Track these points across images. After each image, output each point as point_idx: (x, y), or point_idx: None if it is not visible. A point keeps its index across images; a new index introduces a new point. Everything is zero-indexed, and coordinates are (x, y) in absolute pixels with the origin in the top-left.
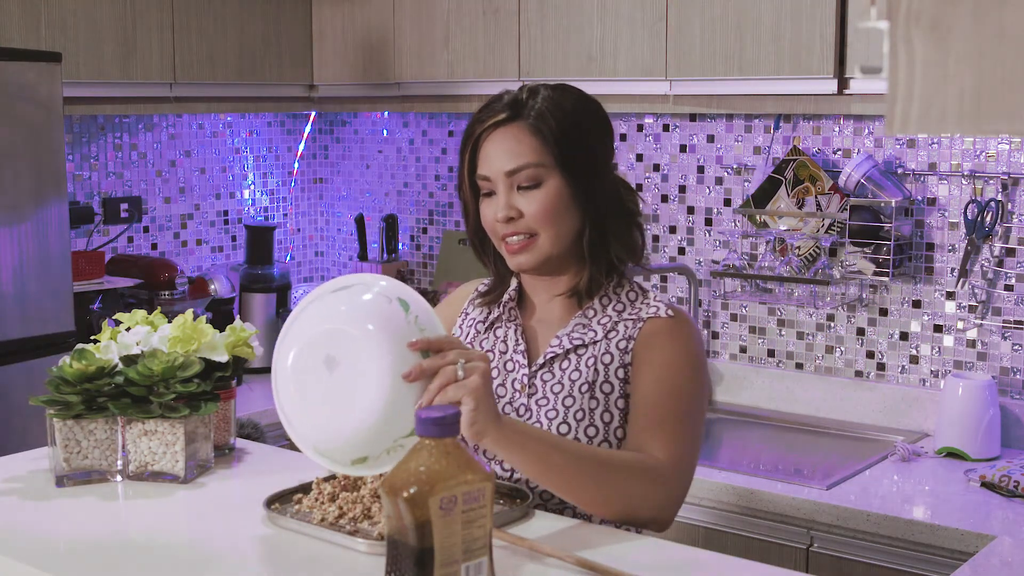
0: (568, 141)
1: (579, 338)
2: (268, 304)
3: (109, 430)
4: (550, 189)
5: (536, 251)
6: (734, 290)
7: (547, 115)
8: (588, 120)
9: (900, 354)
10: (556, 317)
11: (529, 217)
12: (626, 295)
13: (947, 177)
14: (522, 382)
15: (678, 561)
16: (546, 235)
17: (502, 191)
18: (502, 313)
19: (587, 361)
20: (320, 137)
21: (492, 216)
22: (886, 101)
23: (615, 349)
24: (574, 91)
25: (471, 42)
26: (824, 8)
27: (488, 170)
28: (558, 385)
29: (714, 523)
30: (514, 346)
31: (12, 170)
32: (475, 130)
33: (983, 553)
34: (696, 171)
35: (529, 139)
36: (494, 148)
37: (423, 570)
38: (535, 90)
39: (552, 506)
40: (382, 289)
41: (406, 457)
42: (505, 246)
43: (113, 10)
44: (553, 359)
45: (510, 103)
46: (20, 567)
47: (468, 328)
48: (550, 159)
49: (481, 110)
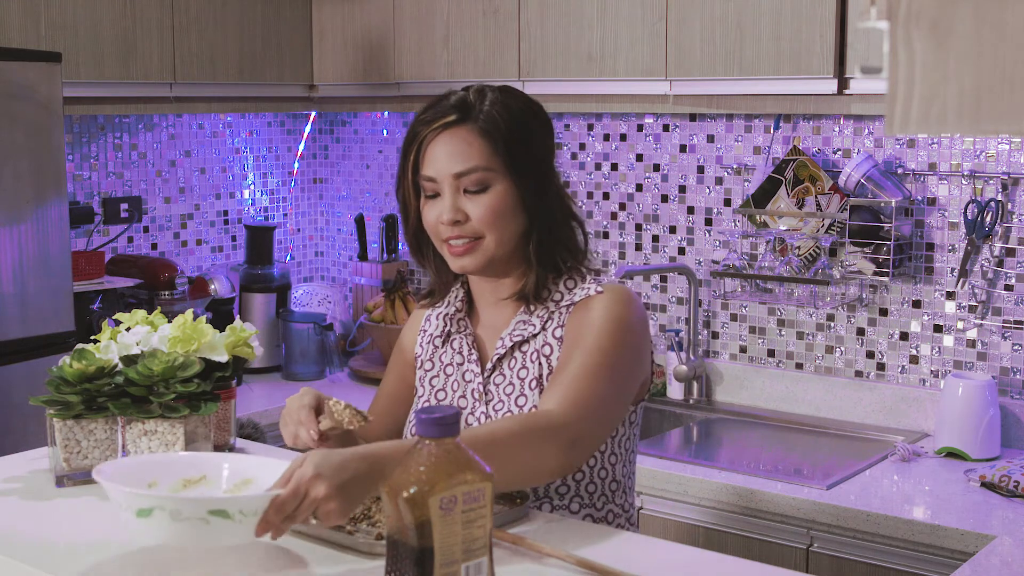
0: (517, 145)
1: (519, 334)
2: (268, 304)
3: (109, 430)
4: (497, 193)
5: (480, 254)
6: (734, 290)
7: (497, 118)
8: (534, 123)
9: (900, 354)
10: (503, 321)
11: (475, 220)
12: (564, 284)
13: (947, 177)
14: (479, 390)
15: (678, 561)
16: (491, 238)
17: (448, 193)
18: (452, 325)
19: (531, 356)
20: (320, 137)
21: (436, 218)
22: (886, 101)
23: (552, 339)
24: (519, 94)
25: (471, 42)
26: (824, 8)
27: (434, 171)
28: (509, 386)
29: (714, 523)
30: (467, 355)
31: (12, 170)
32: (421, 130)
33: (983, 553)
34: (696, 171)
35: (479, 142)
36: (442, 150)
37: (423, 570)
38: (482, 92)
39: (553, 507)
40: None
41: (406, 457)
42: (448, 247)
43: (113, 10)
44: (500, 360)
45: (458, 104)
46: (20, 567)
47: (427, 346)
48: (499, 163)
49: (426, 110)
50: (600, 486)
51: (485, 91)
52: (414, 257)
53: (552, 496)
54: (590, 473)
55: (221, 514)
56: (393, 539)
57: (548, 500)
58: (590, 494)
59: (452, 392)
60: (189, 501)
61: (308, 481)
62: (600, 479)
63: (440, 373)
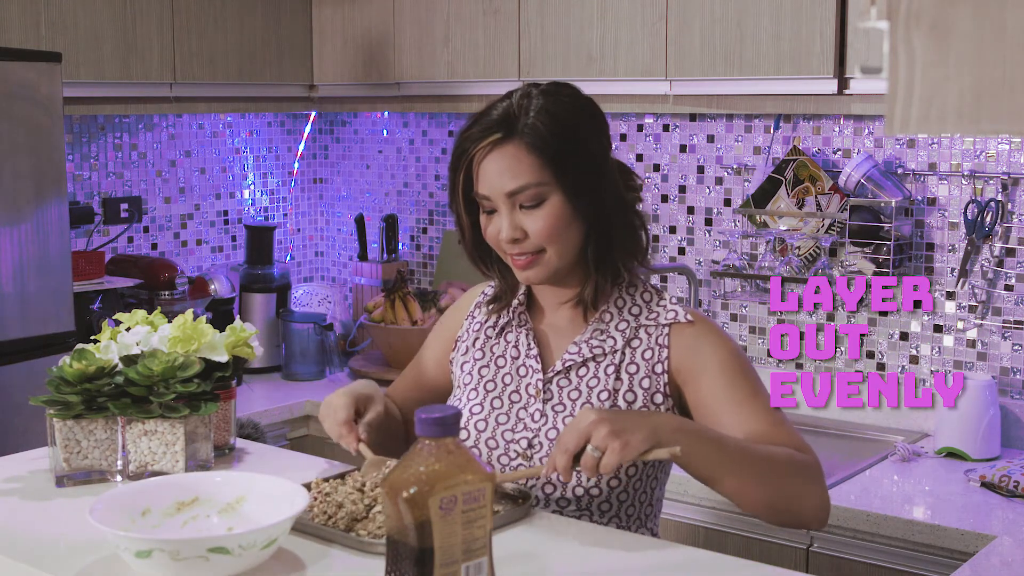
0: (566, 155)
1: (598, 346)
2: (268, 304)
3: (109, 430)
4: (553, 205)
5: (544, 266)
6: (734, 290)
7: (542, 130)
8: (584, 125)
9: (900, 354)
10: (566, 322)
11: (534, 236)
12: (640, 296)
13: (947, 177)
14: (536, 387)
15: (678, 561)
16: (552, 250)
17: (504, 211)
18: (512, 318)
19: (606, 369)
20: (320, 137)
21: (496, 235)
22: (886, 101)
23: (640, 359)
24: (567, 93)
25: (471, 42)
26: (824, 8)
27: (487, 190)
28: (575, 392)
29: (714, 523)
30: (526, 351)
31: (12, 170)
32: (469, 147)
33: (983, 553)
34: (696, 171)
35: (527, 158)
36: (492, 168)
37: (423, 570)
38: (527, 97)
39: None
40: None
41: (406, 457)
42: (512, 260)
43: (113, 10)
44: (571, 367)
45: (502, 119)
46: (20, 567)
47: (475, 333)
48: (550, 176)
49: (472, 125)
50: (639, 508)
51: (530, 97)
52: (477, 268)
53: (593, 512)
54: (634, 495)
55: (221, 551)
56: (393, 539)
57: (588, 514)
58: (628, 516)
59: (504, 385)
60: (188, 542)
61: (590, 424)
62: (640, 502)
63: (491, 363)
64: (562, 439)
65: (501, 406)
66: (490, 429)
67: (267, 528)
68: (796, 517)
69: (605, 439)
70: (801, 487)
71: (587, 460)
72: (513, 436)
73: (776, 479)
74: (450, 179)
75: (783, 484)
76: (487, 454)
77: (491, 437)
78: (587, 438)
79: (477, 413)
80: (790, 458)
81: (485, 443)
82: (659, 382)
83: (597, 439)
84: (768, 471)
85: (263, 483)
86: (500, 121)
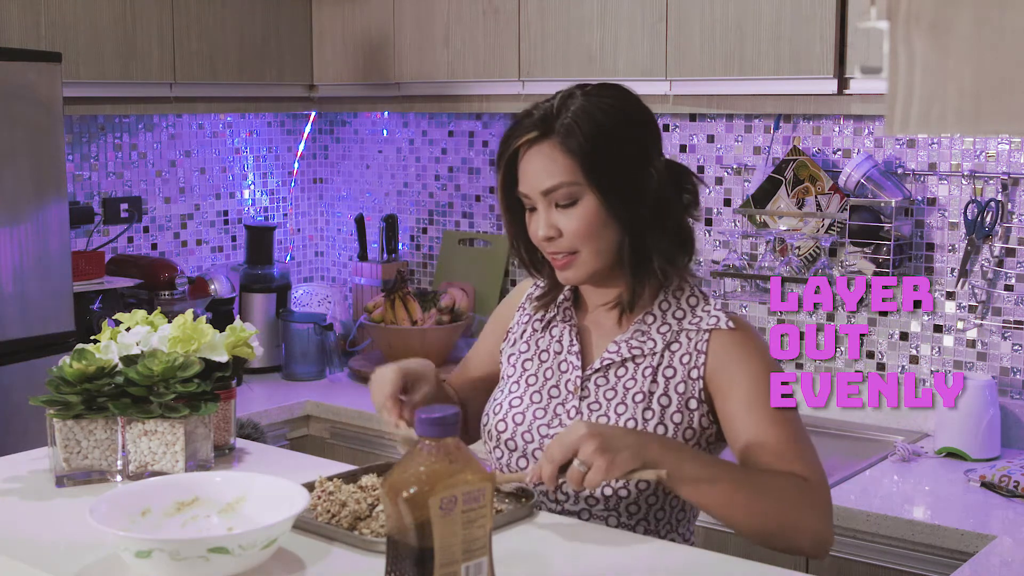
0: (598, 157)
1: (638, 347)
2: (268, 304)
3: (109, 430)
4: (587, 206)
5: (580, 267)
6: (734, 290)
7: (576, 130)
8: (622, 128)
9: (900, 354)
10: (610, 321)
11: (568, 235)
12: (686, 300)
13: (947, 177)
14: (575, 384)
15: (678, 561)
16: (587, 251)
17: (541, 209)
18: (557, 313)
19: (644, 371)
20: (320, 137)
21: (534, 233)
22: (886, 101)
23: (678, 363)
24: (611, 95)
25: (471, 42)
26: (824, 8)
27: (526, 188)
28: (611, 391)
29: (714, 523)
30: (568, 347)
31: (12, 170)
32: (508, 147)
33: (983, 553)
34: (696, 171)
35: (561, 157)
36: (529, 166)
37: (423, 570)
38: (570, 98)
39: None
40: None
41: (406, 457)
42: (551, 259)
43: (113, 10)
44: (609, 366)
45: (541, 118)
46: (20, 567)
47: (524, 326)
48: (583, 177)
49: (514, 125)
50: (669, 513)
51: (573, 98)
52: (526, 268)
53: (621, 513)
54: (664, 499)
55: (221, 551)
56: (393, 539)
57: (616, 515)
58: (657, 520)
59: (544, 379)
60: (188, 542)
61: (579, 438)
62: (671, 507)
63: (535, 357)
64: (550, 449)
65: (540, 400)
66: (527, 423)
67: (267, 528)
68: (790, 544)
69: (592, 455)
70: (797, 515)
71: (573, 474)
72: (548, 431)
73: (769, 505)
74: (497, 179)
75: (777, 511)
76: (523, 447)
77: (527, 431)
78: (575, 451)
79: (516, 406)
80: (788, 485)
81: (521, 436)
82: (694, 388)
83: (584, 454)
84: (761, 497)
85: (263, 483)
86: (539, 120)
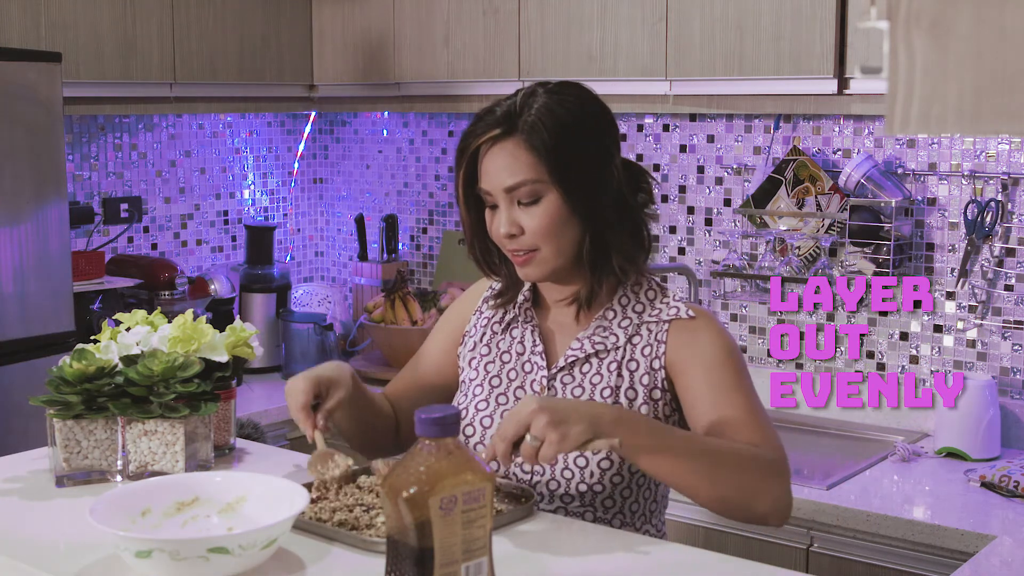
0: (562, 154)
1: (600, 343)
2: (268, 304)
3: (109, 430)
4: (550, 204)
5: (540, 264)
6: (734, 290)
7: (540, 128)
8: (585, 126)
9: (900, 354)
10: (570, 319)
11: (530, 233)
12: (645, 294)
13: (947, 177)
14: (541, 384)
15: (679, 561)
16: (548, 249)
17: (503, 207)
18: (518, 314)
19: (609, 366)
20: (320, 137)
21: (495, 230)
22: (886, 101)
23: (640, 356)
24: (573, 93)
25: (471, 42)
26: (824, 8)
27: (488, 186)
28: (579, 388)
29: (714, 523)
30: (531, 347)
31: (12, 170)
32: (471, 143)
33: (983, 553)
34: (696, 171)
35: (525, 155)
36: (491, 164)
37: (423, 570)
38: (532, 95)
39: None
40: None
41: (406, 457)
42: (511, 256)
43: (113, 10)
44: (574, 363)
45: (504, 115)
46: (20, 567)
47: (482, 328)
48: (546, 174)
49: (475, 122)
50: (643, 505)
51: (535, 96)
52: (479, 265)
53: (597, 508)
54: (638, 491)
55: (221, 551)
56: (393, 539)
57: (592, 510)
58: (632, 512)
59: (509, 381)
60: (188, 542)
61: (530, 413)
62: (644, 498)
63: (496, 359)
64: (502, 427)
65: (506, 403)
66: (495, 425)
67: (267, 528)
68: (749, 512)
69: (544, 429)
70: (757, 482)
71: (526, 449)
72: None
73: (727, 473)
74: (455, 175)
75: (735, 478)
76: None
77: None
78: (527, 427)
79: (483, 409)
80: (745, 452)
81: (490, 439)
82: (656, 377)
83: (536, 429)
84: (718, 464)
85: (263, 483)
86: (502, 118)
